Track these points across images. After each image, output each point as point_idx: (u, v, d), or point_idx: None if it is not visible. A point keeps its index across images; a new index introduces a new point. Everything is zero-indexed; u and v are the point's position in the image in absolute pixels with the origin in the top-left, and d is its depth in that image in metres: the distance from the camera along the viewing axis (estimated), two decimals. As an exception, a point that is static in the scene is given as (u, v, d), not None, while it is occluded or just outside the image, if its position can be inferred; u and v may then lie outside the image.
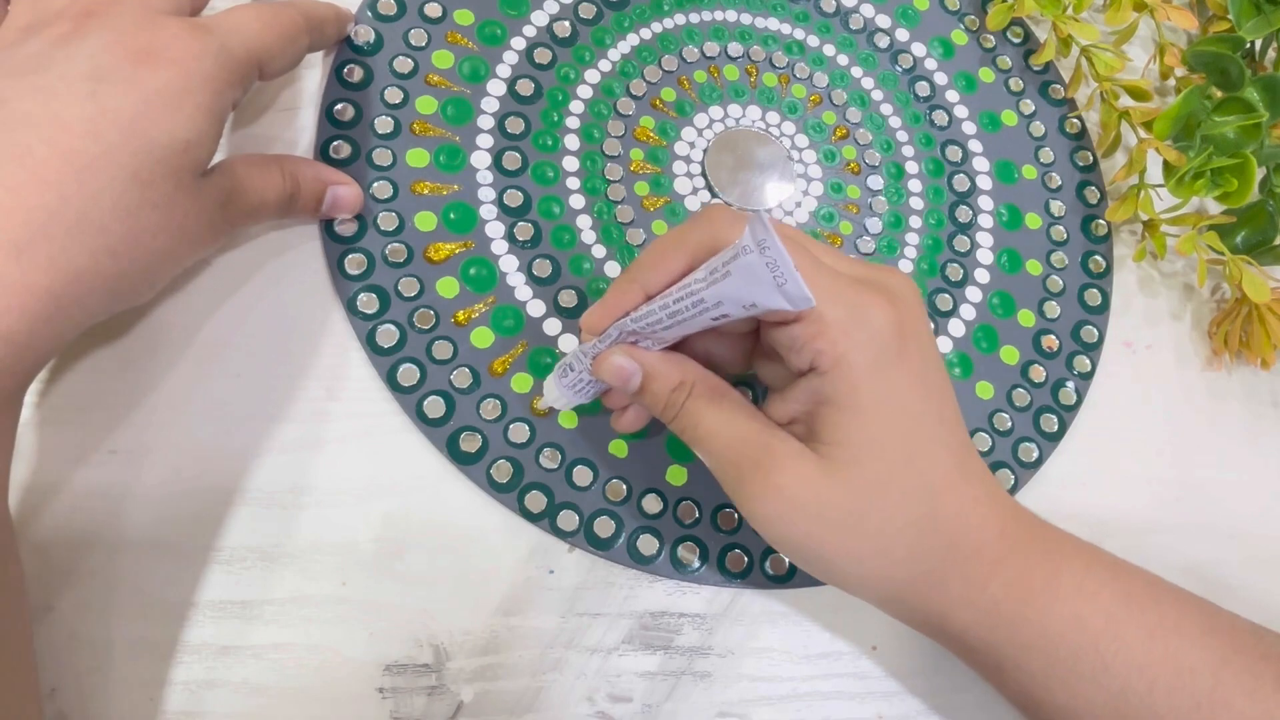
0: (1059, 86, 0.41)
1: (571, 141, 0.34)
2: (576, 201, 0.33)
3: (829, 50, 0.39)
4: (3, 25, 0.25)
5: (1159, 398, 0.37)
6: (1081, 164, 0.40)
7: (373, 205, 0.31)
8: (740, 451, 0.24)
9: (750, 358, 0.28)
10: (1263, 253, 0.37)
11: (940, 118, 0.39)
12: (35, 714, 0.23)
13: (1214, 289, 0.40)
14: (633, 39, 0.37)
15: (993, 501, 0.25)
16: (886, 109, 0.38)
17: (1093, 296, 0.37)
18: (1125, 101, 0.39)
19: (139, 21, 0.24)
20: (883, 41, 0.40)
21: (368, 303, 0.30)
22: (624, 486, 0.30)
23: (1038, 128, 0.40)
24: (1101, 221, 0.39)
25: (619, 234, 0.33)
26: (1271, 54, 0.42)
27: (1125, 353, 0.37)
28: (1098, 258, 0.38)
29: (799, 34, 0.39)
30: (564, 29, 0.36)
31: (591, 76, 0.35)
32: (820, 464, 0.24)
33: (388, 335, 0.30)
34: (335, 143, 0.32)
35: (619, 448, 0.31)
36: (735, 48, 0.38)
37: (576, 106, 0.35)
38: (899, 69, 0.39)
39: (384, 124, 0.32)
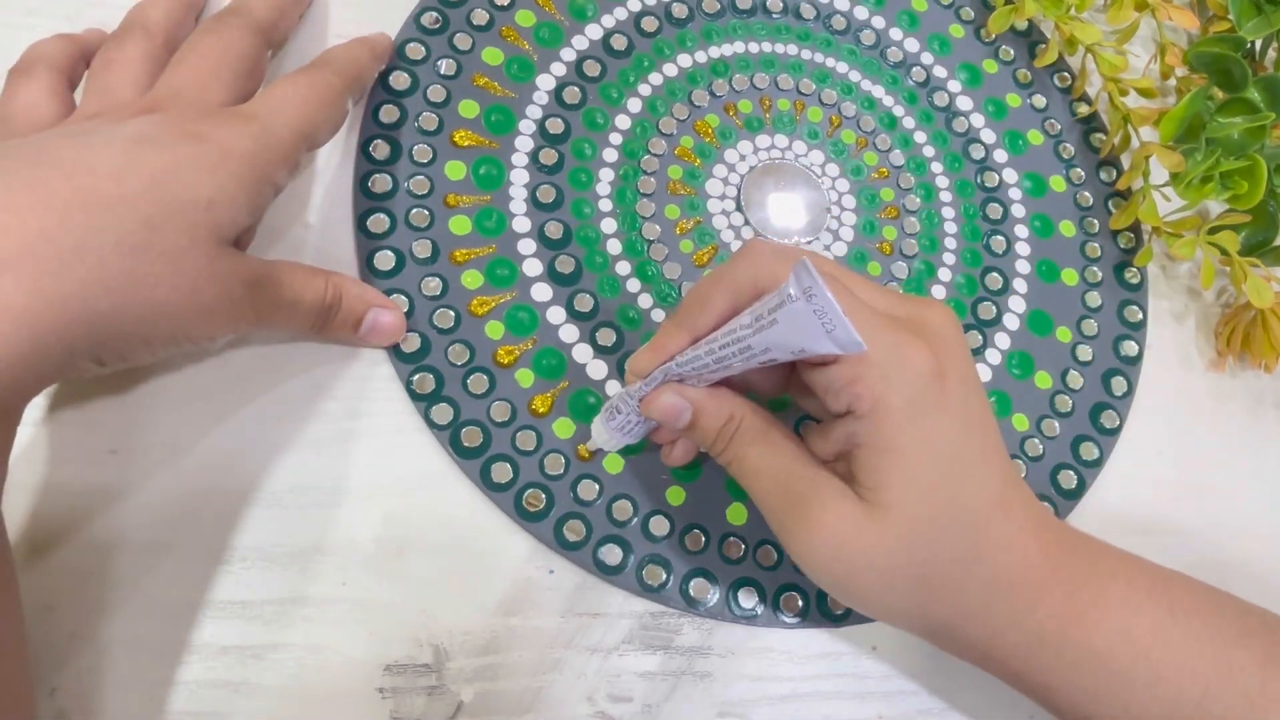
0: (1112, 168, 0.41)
1: (623, 121, 0.35)
2: (606, 174, 0.34)
3: (904, 116, 0.39)
4: (74, 114, 0.26)
5: (1160, 399, 0.37)
6: (1124, 245, 0.39)
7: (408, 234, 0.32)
8: (786, 488, 0.25)
9: (787, 383, 0.28)
10: (1265, 253, 0.37)
11: (990, 177, 0.38)
12: (29, 712, 0.23)
13: (1219, 291, 0.40)
14: (728, 48, 0.37)
15: (1035, 528, 0.25)
16: (943, 182, 0.38)
17: (1129, 348, 0.37)
18: (1133, 100, 0.39)
19: (189, 112, 0.25)
20: (961, 126, 0.39)
21: (408, 343, 0.30)
22: (667, 523, 0.30)
23: (1085, 197, 0.40)
24: (1134, 269, 0.38)
25: (634, 200, 0.34)
26: (1272, 54, 0.42)
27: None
28: (1133, 306, 0.38)
29: (876, 91, 0.39)
30: (651, 23, 0.37)
31: (654, 80, 0.36)
32: (861, 506, 0.24)
33: (426, 383, 0.30)
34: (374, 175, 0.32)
35: (676, 495, 0.31)
36: (807, 84, 0.38)
37: (644, 89, 0.36)
38: (971, 160, 0.39)
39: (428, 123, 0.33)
